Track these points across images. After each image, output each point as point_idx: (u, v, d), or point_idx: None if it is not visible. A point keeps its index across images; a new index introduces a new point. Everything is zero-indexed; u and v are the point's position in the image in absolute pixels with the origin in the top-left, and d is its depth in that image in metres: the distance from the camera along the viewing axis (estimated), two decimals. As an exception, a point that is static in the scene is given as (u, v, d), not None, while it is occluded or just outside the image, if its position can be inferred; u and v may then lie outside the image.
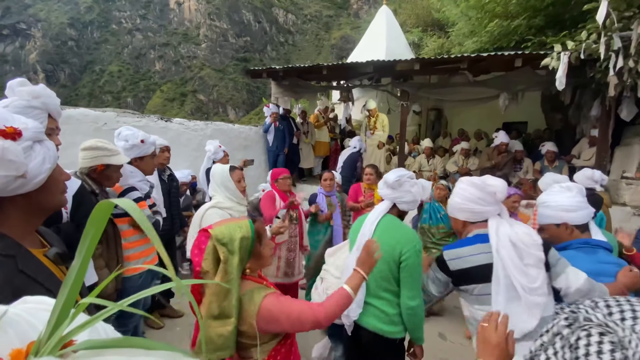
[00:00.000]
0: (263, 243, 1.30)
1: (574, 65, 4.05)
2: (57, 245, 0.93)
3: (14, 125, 0.76)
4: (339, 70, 6.15)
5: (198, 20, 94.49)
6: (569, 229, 1.57)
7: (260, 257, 1.29)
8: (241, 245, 1.18)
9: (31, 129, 0.79)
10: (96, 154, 1.96)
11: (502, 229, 1.41)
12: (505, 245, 1.36)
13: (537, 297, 1.31)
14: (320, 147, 6.87)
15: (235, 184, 2.28)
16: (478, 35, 7.07)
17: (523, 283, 1.31)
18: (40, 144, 0.82)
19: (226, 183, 2.27)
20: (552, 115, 6.51)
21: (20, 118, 0.80)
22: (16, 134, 0.75)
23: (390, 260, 1.64)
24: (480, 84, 5.29)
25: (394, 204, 1.79)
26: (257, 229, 1.27)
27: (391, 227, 1.72)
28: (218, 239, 1.17)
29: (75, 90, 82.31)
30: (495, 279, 1.36)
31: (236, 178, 2.30)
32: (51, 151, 0.84)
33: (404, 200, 1.76)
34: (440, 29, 11.38)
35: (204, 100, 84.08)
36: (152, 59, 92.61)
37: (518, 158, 5.49)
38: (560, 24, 5.68)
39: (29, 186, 0.79)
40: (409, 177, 1.78)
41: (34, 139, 0.80)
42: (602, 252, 1.53)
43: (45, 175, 0.82)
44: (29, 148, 0.78)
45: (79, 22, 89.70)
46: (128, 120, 4.20)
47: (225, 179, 2.27)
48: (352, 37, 64.53)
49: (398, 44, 8.86)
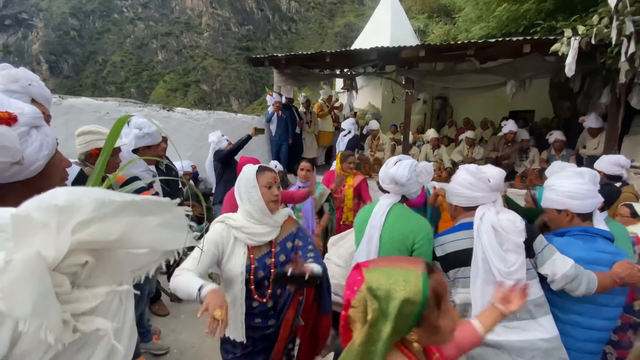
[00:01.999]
0: (443, 310, 0.84)
1: (584, 51, 3.94)
2: None
3: (9, 110, 0.74)
4: (343, 58, 6.04)
5: (200, 9, 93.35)
6: (569, 216, 1.53)
7: (436, 331, 0.84)
8: (401, 311, 0.79)
9: (27, 114, 0.77)
10: (89, 138, 1.96)
11: (487, 215, 1.44)
12: (487, 231, 1.40)
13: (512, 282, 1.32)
14: (323, 137, 6.82)
15: (263, 190, 1.53)
16: (485, 21, 6.89)
17: (500, 267, 1.35)
18: (37, 130, 0.79)
19: (249, 190, 1.54)
20: (560, 103, 6.38)
21: (16, 103, 0.77)
22: (11, 119, 0.73)
23: (403, 249, 1.64)
24: (487, 71, 5.18)
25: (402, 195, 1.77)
26: (435, 288, 0.82)
27: (403, 215, 1.71)
28: (371, 288, 0.83)
29: (79, 81, 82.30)
30: (475, 262, 1.42)
31: (264, 182, 1.56)
32: (49, 137, 0.82)
33: (412, 191, 1.75)
34: (447, 14, 11.12)
35: (207, 90, 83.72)
36: (155, 49, 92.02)
37: (524, 147, 5.41)
38: (571, 7, 5.50)
39: (26, 173, 0.77)
40: (414, 168, 1.72)
41: (30, 125, 0.78)
42: (601, 241, 1.50)
43: (43, 162, 0.80)
44: (25, 134, 0.76)
45: (80, 12, 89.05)
46: (130, 110, 4.19)
47: (249, 184, 1.54)
48: (356, 25, 63.46)
49: (403, 30, 8.68)
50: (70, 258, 0.34)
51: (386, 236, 1.66)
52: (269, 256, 1.53)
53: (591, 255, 1.45)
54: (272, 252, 1.55)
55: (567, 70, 3.96)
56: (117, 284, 0.39)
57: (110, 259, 0.39)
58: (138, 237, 0.39)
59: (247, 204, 1.53)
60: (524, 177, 4.94)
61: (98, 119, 3.81)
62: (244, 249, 1.50)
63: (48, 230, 0.33)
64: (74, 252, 0.34)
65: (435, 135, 6.42)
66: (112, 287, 0.38)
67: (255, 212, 1.51)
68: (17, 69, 1.46)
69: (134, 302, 0.41)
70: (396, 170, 1.67)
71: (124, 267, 0.41)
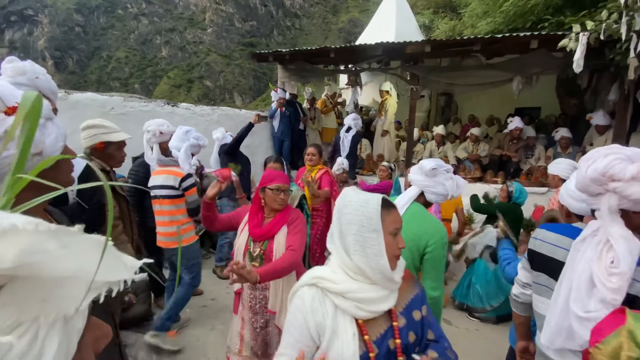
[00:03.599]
0: None
1: (592, 46, 3.88)
2: (66, 224, 0.92)
3: None
4: (347, 53, 6.01)
5: (203, 5, 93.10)
6: (564, 211, 1.52)
7: None
8: None
9: (43, 106, 0.77)
10: (94, 132, 1.97)
11: (604, 232, 1.05)
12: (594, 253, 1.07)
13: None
14: (327, 133, 6.80)
15: (388, 240, 0.98)
16: (492, 16, 6.81)
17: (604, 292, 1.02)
18: (51, 122, 0.80)
19: (365, 235, 0.99)
20: (567, 100, 6.31)
21: None
22: None
23: (415, 250, 1.61)
24: (493, 67, 5.13)
25: (422, 191, 1.73)
26: None
27: (419, 216, 1.68)
28: (634, 335, 0.73)
29: (84, 77, 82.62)
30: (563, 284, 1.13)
31: (391, 228, 1.03)
32: (61, 129, 0.83)
33: (433, 190, 1.70)
34: (453, 10, 11.00)
35: (210, 86, 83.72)
36: (159, 45, 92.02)
37: (530, 144, 5.36)
38: (579, 3, 5.41)
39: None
40: (446, 169, 1.73)
41: (46, 117, 0.78)
42: None
43: (59, 153, 0.81)
44: (42, 126, 0.77)
45: (85, 8, 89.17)
46: (135, 105, 4.20)
47: (366, 224, 0.99)
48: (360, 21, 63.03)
49: (408, 26, 8.60)
50: None
51: None
52: (392, 334, 0.99)
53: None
54: (395, 327, 0.99)
55: (575, 66, 3.91)
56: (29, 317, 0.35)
57: (17, 290, 0.34)
58: (48, 264, 0.34)
59: (359, 255, 0.95)
60: (530, 175, 4.91)
61: (103, 114, 3.82)
62: (352, 326, 0.95)
63: None
64: None
65: (442, 132, 6.37)
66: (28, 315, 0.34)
67: (372, 271, 0.95)
68: (24, 62, 1.46)
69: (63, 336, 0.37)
70: (425, 160, 1.73)
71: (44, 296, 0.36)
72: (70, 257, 0.36)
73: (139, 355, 2.61)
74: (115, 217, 1.96)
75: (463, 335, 3.09)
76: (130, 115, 4.11)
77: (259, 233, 1.81)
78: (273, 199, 1.80)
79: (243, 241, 1.85)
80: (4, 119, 0.68)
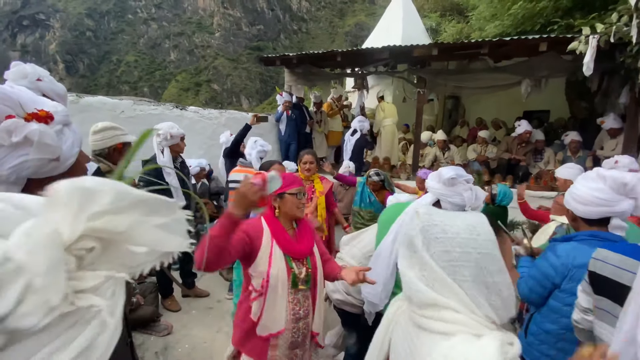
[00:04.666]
0: None
1: (602, 49, 3.84)
2: None
3: (44, 109, 0.76)
4: (354, 57, 6.03)
5: (212, 9, 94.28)
6: (571, 217, 1.49)
7: None
8: None
9: (60, 112, 0.79)
10: (113, 133, 2.02)
11: None
12: None
13: None
14: (333, 137, 6.80)
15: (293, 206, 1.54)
16: (500, 19, 6.77)
17: None
18: (68, 128, 0.82)
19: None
20: (577, 103, 6.23)
21: (48, 101, 0.80)
22: (49, 118, 0.75)
23: None
24: (501, 70, 5.10)
25: (437, 200, 1.67)
26: None
27: None
28: None
29: (94, 81, 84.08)
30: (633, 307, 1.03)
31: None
32: (77, 134, 0.84)
33: (450, 200, 1.63)
34: (460, 13, 10.97)
35: (217, 89, 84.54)
36: (167, 49, 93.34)
37: (539, 148, 5.30)
38: (589, 5, 5.37)
39: (60, 169, 0.79)
40: (466, 179, 1.67)
41: (63, 123, 0.80)
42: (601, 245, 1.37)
43: (74, 158, 0.82)
44: (60, 132, 0.78)
45: (96, 12, 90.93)
46: (144, 109, 4.26)
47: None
48: (366, 24, 63.18)
49: (415, 29, 8.61)
50: (80, 242, 0.37)
51: None
52: None
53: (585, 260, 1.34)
54: None
55: (584, 69, 3.87)
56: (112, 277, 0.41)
57: (112, 251, 0.41)
58: (140, 234, 0.41)
59: (487, 307, 0.69)
60: (539, 179, 4.85)
61: (114, 117, 3.88)
62: None
63: (68, 211, 0.37)
64: (84, 237, 0.37)
65: (443, 137, 6.30)
66: (112, 272, 0.40)
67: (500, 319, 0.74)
68: (25, 65, 1.45)
69: (124, 297, 0.43)
70: (444, 168, 1.66)
71: (122, 260, 0.42)
72: (160, 230, 0.43)
73: (146, 357, 2.63)
74: None
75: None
76: (140, 119, 4.18)
77: (300, 249, 1.50)
78: (295, 205, 1.53)
79: (280, 265, 1.44)
80: (24, 125, 0.69)
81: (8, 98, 0.69)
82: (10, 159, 0.69)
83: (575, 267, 1.38)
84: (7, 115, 0.68)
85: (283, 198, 1.52)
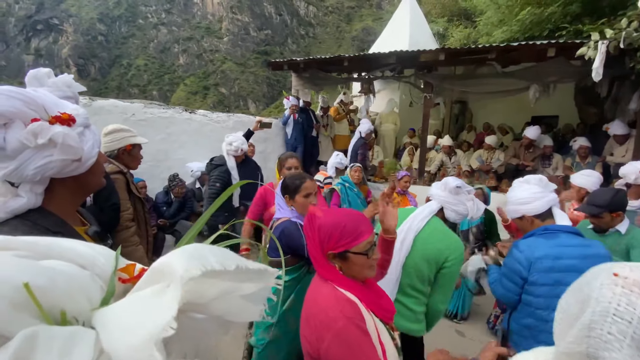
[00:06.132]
0: None
1: (612, 55, 3.81)
2: (94, 224, 0.98)
3: (67, 112, 0.80)
4: (361, 62, 6.06)
5: (220, 14, 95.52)
6: (529, 220, 1.67)
7: None
8: None
9: (81, 115, 0.83)
10: (123, 135, 2.07)
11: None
12: None
13: None
14: (339, 141, 6.82)
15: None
16: (508, 25, 6.76)
17: None
18: (88, 129, 0.86)
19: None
20: (587, 109, 6.17)
21: (68, 104, 0.83)
22: (71, 120, 0.79)
23: (433, 263, 1.63)
24: (509, 75, 5.07)
25: (441, 207, 1.76)
26: None
27: (440, 231, 1.70)
28: None
29: (105, 84, 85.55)
30: None
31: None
32: (97, 136, 0.88)
33: (454, 208, 1.73)
34: (467, 18, 10.97)
35: (225, 93, 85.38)
36: (176, 53, 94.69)
37: (547, 154, 5.26)
38: (598, 11, 5.34)
39: (81, 169, 0.83)
40: (468, 190, 1.80)
41: (84, 125, 0.84)
42: (563, 236, 1.56)
43: (94, 159, 0.86)
44: (81, 133, 0.82)
45: (107, 17, 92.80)
46: (154, 112, 4.34)
47: None
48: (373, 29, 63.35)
49: (422, 34, 8.62)
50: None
51: (419, 245, 1.65)
52: None
53: (554, 250, 1.52)
54: None
55: (594, 74, 3.84)
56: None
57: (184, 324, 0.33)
58: (221, 304, 0.35)
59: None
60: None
61: (125, 119, 3.96)
62: None
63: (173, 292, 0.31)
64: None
65: (449, 142, 6.27)
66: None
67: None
68: (65, 76, 1.56)
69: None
70: (450, 177, 1.78)
71: (195, 335, 0.36)
72: (244, 300, 0.36)
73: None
74: (130, 219, 2.01)
75: (477, 347, 3.03)
76: (150, 121, 4.25)
77: (391, 310, 1.11)
78: (368, 265, 1.03)
79: (386, 337, 1.01)
80: (49, 128, 0.73)
81: (33, 102, 0.72)
82: (36, 160, 0.72)
83: (536, 258, 1.53)
84: (32, 118, 0.72)
85: (347, 259, 1.01)
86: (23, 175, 0.73)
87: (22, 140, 0.71)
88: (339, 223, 1.00)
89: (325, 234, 1.01)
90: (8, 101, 0.69)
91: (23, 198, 0.75)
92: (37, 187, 0.76)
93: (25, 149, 0.72)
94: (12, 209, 0.75)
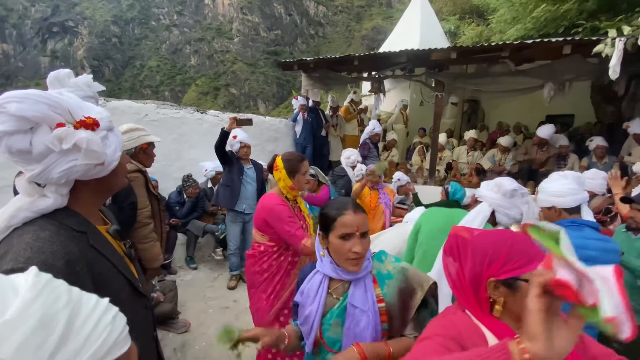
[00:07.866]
0: None
1: (630, 52, 3.71)
2: (114, 223, 1.00)
3: (91, 116, 0.81)
4: (371, 61, 6.03)
5: (231, 15, 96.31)
6: (557, 212, 1.72)
7: None
8: None
9: (105, 118, 0.85)
10: (139, 134, 2.12)
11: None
12: None
13: None
14: (349, 141, 6.81)
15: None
16: (522, 22, 6.63)
17: None
18: (112, 133, 0.87)
19: None
20: (603, 107, 6.01)
21: (93, 107, 0.85)
22: (95, 124, 0.80)
23: None
24: (522, 74, 4.98)
25: (492, 210, 1.69)
26: None
27: None
28: None
29: (119, 85, 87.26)
30: None
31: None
32: (119, 138, 0.90)
33: (507, 212, 1.67)
34: (479, 16, 10.79)
35: (235, 93, 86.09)
36: (188, 54, 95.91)
37: (563, 154, 5.14)
38: (615, 7, 5.20)
39: (105, 172, 0.85)
40: (523, 193, 1.77)
41: (107, 128, 0.86)
42: (587, 229, 1.65)
43: (117, 162, 0.88)
44: (105, 137, 0.84)
45: (121, 20, 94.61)
46: (167, 112, 4.41)
47: None
48: (383, 28, 62.99)
49: (433, 32, 8.51)
50: None
51: None
52: None
53: (579, 241, 1.56)
54: None
55: (611, 72, 3.74)
56: None
57: None
58: None
59: None
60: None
61: (138, 120, 4.04)
62: None
63: None
64: None
65: (475, 135, 6.35)
66: None
67: None
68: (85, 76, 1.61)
69: None
70: (505, 179, 1.73)
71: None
72: None
73: (165, 352, 2.71)
74: (147, 216, 2.05)
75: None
76: (162, 122, 4.33)
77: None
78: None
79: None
80: (74, 133, 0.75)
81: (59, 106, 0.75)
82: (61, 164, 0.75)
83: None
84: (58, 122, 0.75)
85: (516, 290, 0.76)
86: (49, 177, 0.75)
87: (48, 144, 0.73)
88: (504, 241, 0.79)
89: (481, 254, 0.78)
90: (35, 106, 0.71)
91: (49, 198, 0.78)
92: (63, 189, 0.79)
93: (50, 153, 0.74)
94: (39, 209, 0.78)
